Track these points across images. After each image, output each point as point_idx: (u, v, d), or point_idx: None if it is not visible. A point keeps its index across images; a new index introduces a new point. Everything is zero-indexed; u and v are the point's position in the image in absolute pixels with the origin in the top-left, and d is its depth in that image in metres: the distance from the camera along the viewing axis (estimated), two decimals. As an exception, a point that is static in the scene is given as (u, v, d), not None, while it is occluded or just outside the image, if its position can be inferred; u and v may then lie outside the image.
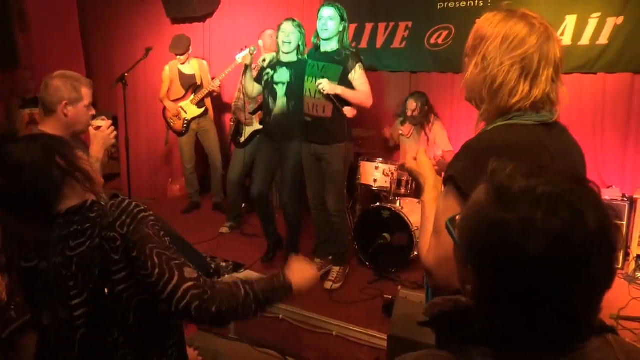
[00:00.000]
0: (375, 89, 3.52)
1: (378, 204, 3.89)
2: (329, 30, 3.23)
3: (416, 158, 1.46)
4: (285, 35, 3.44)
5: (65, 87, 2.10)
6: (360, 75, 3.29)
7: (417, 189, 3.92)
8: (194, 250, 2.79)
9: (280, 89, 3.52)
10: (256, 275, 3.57)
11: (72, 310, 1.26)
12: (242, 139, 4.52)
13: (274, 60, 3.58)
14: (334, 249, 3.64)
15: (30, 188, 1.25)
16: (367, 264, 3.81)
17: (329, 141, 3.37)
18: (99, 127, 2.21)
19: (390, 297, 3.09)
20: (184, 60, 4.87)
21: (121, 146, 4.60)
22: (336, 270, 3.58)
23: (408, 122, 4.38)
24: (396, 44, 4.66)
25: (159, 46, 5.11)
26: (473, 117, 1.29)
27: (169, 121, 4.98)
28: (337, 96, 3.24)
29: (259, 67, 3.76)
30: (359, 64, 3.28)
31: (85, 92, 2.16)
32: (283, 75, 3.51)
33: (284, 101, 3.52)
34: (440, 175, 1.36)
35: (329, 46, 3.31)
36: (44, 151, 1.28)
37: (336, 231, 3.57)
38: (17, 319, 1.97)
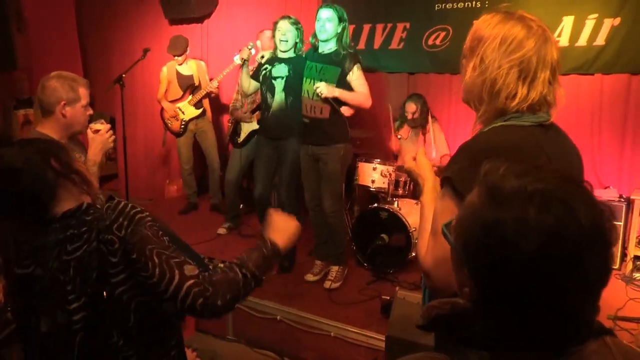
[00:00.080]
0: (373, 90, 3.51)
1: (376, 204, 3.88)
2: (327, 32, 3.23)
3: (415, 159, 1.46)
4: (281, 34, 3.44)
5: (63, 88, 2.10)
6: (358, 76, 3.28)
7: (415, 190, 3.92)
8: (192, 251, 2.78)
9: (279, 84, 3.51)
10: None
11: (70, 314, 1.25)
12: (239, 139, 4.51)
13: (272, 57, 3.58)
14: (331, 249, 3.64)
15: (25, 191, 1.25)
16: (365, 264, 3.81)
17: (326, 142, 3.36)
18: (97, 130, 2.19)
19: (388, 297, 3.09)
20: (181, 61, 4.87)
21: (119, 147, 4.58)
22: (335, 270, 3.58)
23: (406, 124, 4.37)
24: (394, 44, 4.66)
25: (157, 47, 5.11)
26: (471, 118, 1.29)
27: (167, 122, 4.97)
28: (335, 98, 3.24)
29: (256, 65, 3.76)
30: (357, 65, 3.27)
31: (83, 92, 2.15)
32: (281, 70, 3.51)
33: (282, 96, 3.52)
34: (439, 177, 1.36)
35: (327, 47, 3.31)
36: (39, 154, 1.28)
37: (333, 232, 3.56)
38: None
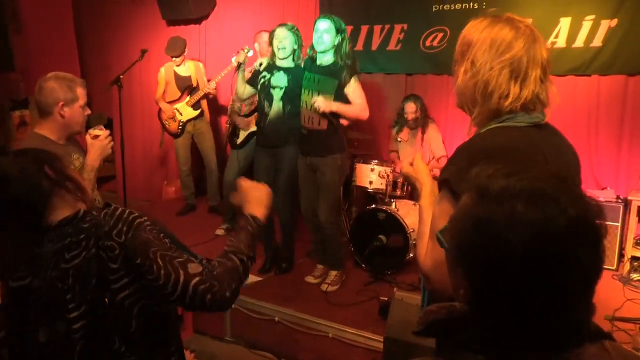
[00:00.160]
0: (371, 92, 3.52)
1: (374, 205, 3.88)
2: (324, 44, 3.22)
3: (412, 163, 1.46)
4: (278, 42, 3.43)
5: (61, 88, 2.10)
6: (355, 88, 3.28)
7: (412, 191, 3.92)
8: (190, 252, 2.78)
9: (277, 93, 3.51)
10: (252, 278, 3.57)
11: (70, 323, 1.24)
12: (238, 140, 4.50)
13: (270, 64, 3.56)
14: (328, 257, 3.64)
15: (20, 200, 1.24)
16: (363, 265, 3.81)
17: (324, 153, 3.37)
18: (96, 136, 2.18)
19: (386, 299, 3.09)
20: (179, 62, 4.86)
21: (116, 148, 4.57)
22: (333, 274, 3.58)
23: (406, 126, 4.36)
24: (391, 46, 4.67)
25: (155, 48, 5.10)
26: (468, 119, 1.29)
27: (165, 123, 4.96)
28: (332, 112, 3.24)
29: (253, 70, 3.75)
30: (355, 77, 3.27)
31: (80, 92, 2.15)
32: (280, 80, 3.50)
33: (279, 105, 3.51)
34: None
35: (324, 58, 3.30)
36: (33, 162, 1.27)
37: (329, 241, 3.56)
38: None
